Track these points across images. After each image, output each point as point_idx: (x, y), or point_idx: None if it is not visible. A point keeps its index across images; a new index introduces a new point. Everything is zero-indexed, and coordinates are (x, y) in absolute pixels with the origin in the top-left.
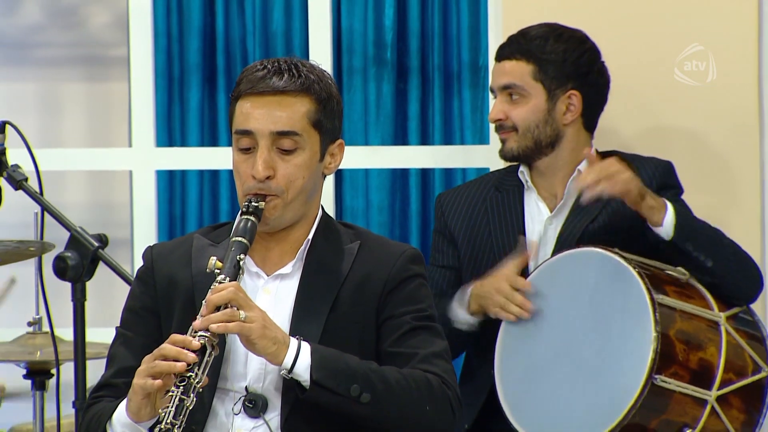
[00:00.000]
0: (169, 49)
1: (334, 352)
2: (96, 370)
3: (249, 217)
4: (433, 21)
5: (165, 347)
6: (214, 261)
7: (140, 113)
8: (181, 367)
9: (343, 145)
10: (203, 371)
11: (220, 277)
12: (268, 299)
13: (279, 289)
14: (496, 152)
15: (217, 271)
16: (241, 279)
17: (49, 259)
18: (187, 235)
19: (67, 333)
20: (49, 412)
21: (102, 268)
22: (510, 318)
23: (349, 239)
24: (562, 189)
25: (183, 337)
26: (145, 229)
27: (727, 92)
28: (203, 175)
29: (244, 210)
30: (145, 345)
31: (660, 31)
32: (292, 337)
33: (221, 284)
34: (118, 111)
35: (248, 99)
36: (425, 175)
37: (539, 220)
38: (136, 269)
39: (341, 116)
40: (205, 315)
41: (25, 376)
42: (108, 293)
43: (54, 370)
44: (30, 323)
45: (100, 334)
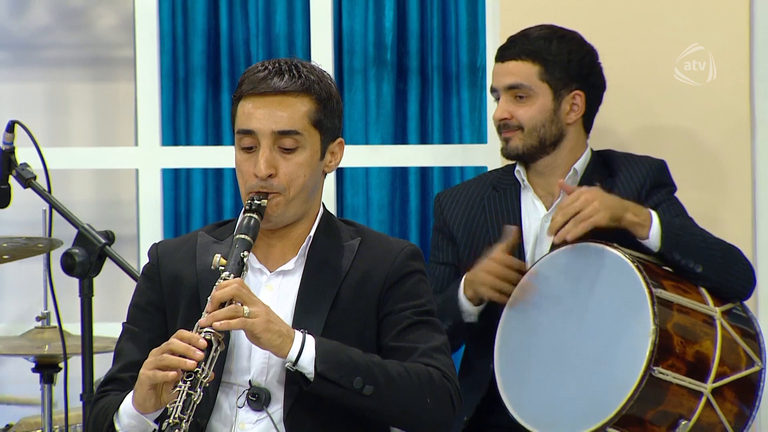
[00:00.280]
0: (174, 50)
1: (338, 345)
2: (103, 364)
3: (252, 214)
4: (432, 23)
5: (173, 342)
6: (218, 258)
7: (146, 113)
8: (191, 364)
9: (343, 144)
10: (209, 367)
11: (225, 274)
12: (271, 295)
13: (281, 285)
14: (494, 151)
15: (221, 268)
16: (245, 275)
17: (57, 256)
18: (192, 232)
19: (74, 328)
20: (57, 405)
21: (109, 265)
22: (502, 299)
23: (350, 236)
24: (558, 187)
25: (191, 334)
26: (151, 226)
27: (720, 92)
28: (207, 174)
29: (247, 208)
30: (151, 340)
31: (660, 31)
32: (297, 330)
33: (225, 281)
34: (125, 111)
35: (250, 99)
36: (424, 173)
37: (536, 217)
38: (142, 266)
39: (341, 115)
40: (210, 311)
41: (34, 370)
42: (114, 289)
43: (62, 364)
44: (38, 318)
45: (107, 328)
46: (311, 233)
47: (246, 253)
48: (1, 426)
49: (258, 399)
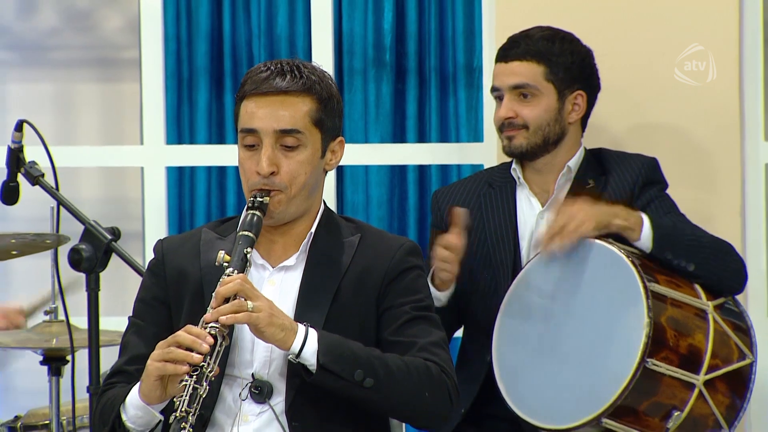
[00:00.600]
0: (179, 51)
1: (340, 338)
2: (109, 357)
3: (255, 211)
4: (430, 24)
5: (180, 335)
6: (222, 254)
7: (151, 112)
8: (198, 359)
9: (343, 143)
10: (215, 361)
11: (228, 270)
12: (273, 290)
13: (283, 281)
14: (490, 149)
15: (225, 264)
16: (248, 271)
17: (64, 251)
18: (196, 228)
19: (81, 321)
20: (65, 397)
21: (115, 260)
22: (446, 276)
23: (350, 232)
24: (554, 184)
25: (198, 329)
26: (156, 223)
27: (712, 92)
28: (211, 171)
29: (250, 205)
30: (157, 334)
31: (660, 31)
32: (300, 324)
33: (229, 277)
34: (130, 110)
35: (253, 99)
36: (422, 171)
37: (531, 214)
38: (148, 261)
39: (341, 115)
40: (215, 307)
41: (42, 363)
42: (120, 284)
43: (69, 357)
44: (46, 312)
45: (113, 322)
46: (312, 230)
47: (249, 250)
48: (10, 417)
49: (261, 392)
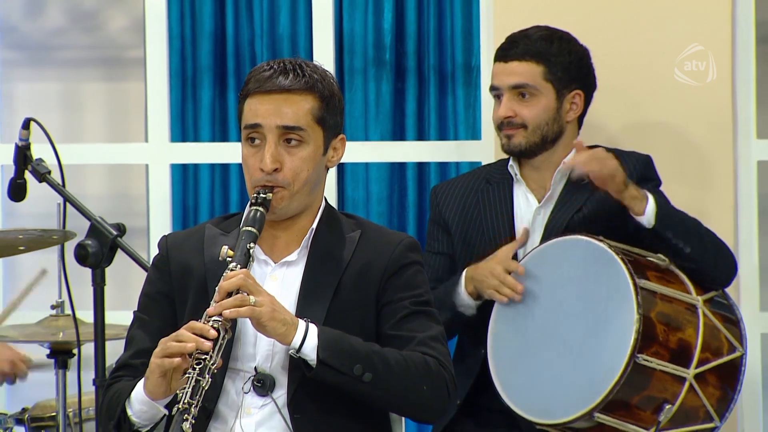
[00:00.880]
0: (183, 51)
1: (340, 333)
2: (114, 350)
3: (258, 207)
4: (429, 24)
5: (182, 333)
6: (225, 250)
7: (155, 111)
8: (190, 347)
9: (344, 140)
10: (218, 354)
11: (232, 265)
12: (275, 285)
13: (285, 276)
14: (487, 147)
15: (228, 259)
16: (251, 266)
17: (70, 247)
18: (200, 224)
19: (87, 315)
20: (71, 389)
21: (120, 255)
22: (503, 300)
23: (351, 228)
24: (551, 181)
25: (201, 324)
26: (161, 219)
27: (707, 91)
28: (214, 169)
29: (253, 201)
30: (161, 328)
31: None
32: (301, 319)
33: (232, 272)
34: (135, 109)
35: (256, 97)
36: (421, 168)
37: (528, 210)
38: (152, 257)
39: (343, 113)
40: (218, 301)
41: (49, 356)
42: (126, 279)
43: (75, 350)
44: (53, 306)
45: (118, 316)
46: (314, 225)
47: (252, 245)
48: (18, 409)
49: (263, 385)
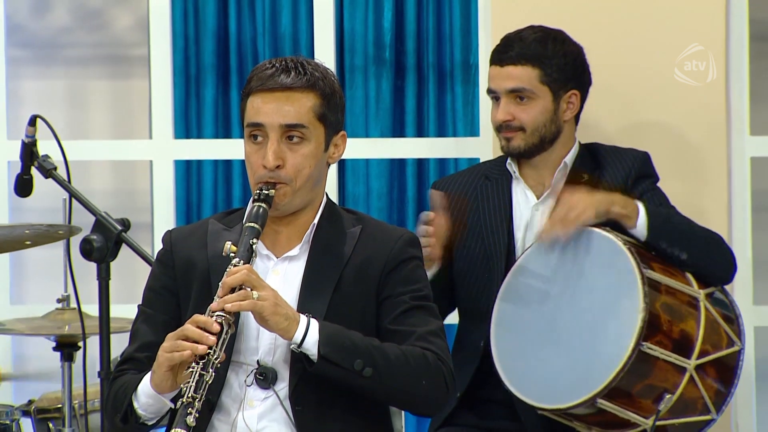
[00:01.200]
0: (186, 49)
1: (340, 329)
2: (119, 343)
3: (260, 203)
4: (428, 23)
5: (187, 328)
6: (229, 245)
7: (159, 108)
8: (202, 349)
9: (345, 137)
10: (221, 348)
11: (235, 260)
12: (278, 280)
13: (287, 270)
14: (486, 143)
15: (231, 255)
16: (254, 262)
17: (76, 242)
18: (203, 220)
19: (92, 309)
20: (76, 382)
21: (125, 250)
22: (426, 250)
23: (352, 224)
24: (550, 178)
25: (205, 318)
26: (164, 214)
27: (701, 89)
28: (217, 165)
29: (256, 197)
30: (165, 322)
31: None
32: (302, 315)
33: (236, 267)
34: (139, 106)
35: (259, 95)
36: (421, 164)
37: (526, 206)
38: (156, 251)
39: (344, 110)
40: (222, 296)
41: (55, 349)
42: (130, 273)
43: (81, 343)
44: (59, 300)
45: (123, 310)
46: (315, 221)
47: (255, 241)
48: (24, 401)
49: (265, 378)
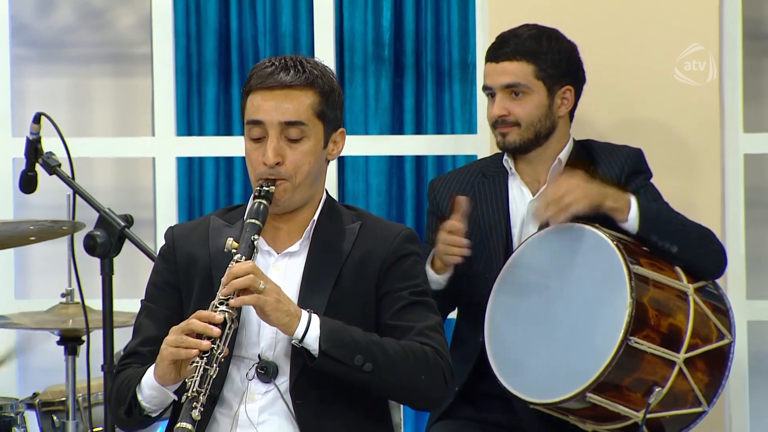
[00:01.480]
0: (188, 47)
1: (341, 324)
2: (122, 337)
3: (261, 200)
4: (427, 22)
5: (192, 322)
6: (230, 241)
7: (162, 105)
8: (206, 345)
9: (344, 134)
10: (224, 343)
11: (237, 257)
12: (278, 275)
13: (288, 266)
14: (483, 141)
15: (233, 251)
16: (255, 257)
17: (80, 237)
18: (205, 216)
19: (96, 304)
20: (80, 375)
21: (128, 246)
22: (456, 260)
23: (351, 220)
24: (545, 174)
25: (208, 312)
26: (167, 211)
27: (696, 88)
28: (219, 162)
29: (257, 194)
30: (168, 316)
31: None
32: (303, 310)
33: (238, 263)
34: (142, 104)
35: (259, 93)
36: (419, 161)
37: (522, 202)
38: (159, 247)
39: (342, 107)
40: (224, 292)
41: (59, 343)
42: (133, 268)
43: (84, 337)
44: (63, 295)
45: (126, 304)
46: (315, 217)
47: (256, 237)
48: (29, 394)
49: (266, 372)
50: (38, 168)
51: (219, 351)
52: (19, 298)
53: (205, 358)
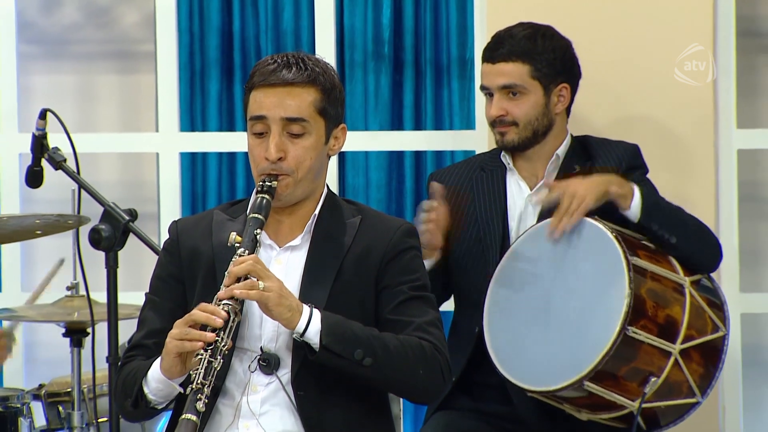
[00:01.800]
0: (192, 45)
1: (342, 319)
2: (127, 330)
3: (264, 195)
4: (425, 20)
5: (195, 314)
6: (233, 236)
7: (165, 102)
8: (211, 337)
9: (345, 129)
10: (228, 336)
11: (240, 251)
12: (280, 269)
13: (289, 259)
14: (481, 136)
15: (237, 245)
16: (258, 251)
17: (85, 231)
18: (208, 210)
19: (101, 296)
20: (85, 367)
21: (132, 239)
22: (427, 237)
23: (352, 214)
24: (543, 170)
25: (212, 306)
26: (170, 205)
27: (689, 85)
28: (222, 157)
29: (259, 189)
30: (172, 309)
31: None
32: (305, 305)
33: (241, 257)
34: (146, 100)
35: (261, 90)
36: (418, 156)
37: (520, 196)
38: (163, 241)
39: (343, 104)
40: (228, 285)
41: (64, 335)
42: (137, 261)
43: (89, 329)
44: (68, 288)
45: (131, 297)
46: (316, 211)
47: (259, 231)
48: (35, 386)
49: (268, 364)
50: (44, 163)
51: (223, 344)
52: (26, 291)
53: (210, 351)
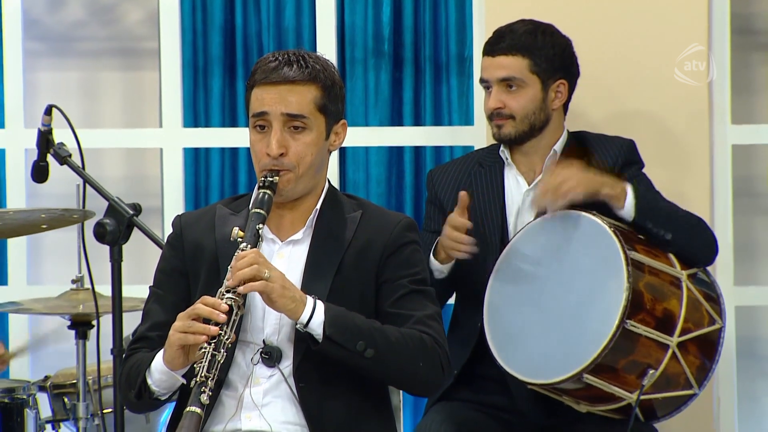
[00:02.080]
0: (195, 42)
1: (344, 310)
2: (131, 322)
3: (265, 190)
4: (425, 17)
5: (198, 307)
6: (236, 230)
7: (169, 98)
8: (215, 331)
9: (345, 125)
10: (231, 329)
11: (243, 245)
12: (282, 262)
13: (291, 253)
14: (480, 132)
15: (239, 240)
16: (260, 246)
17: (89, 225)
18: (211, 205)
19: (105, 289)
20: (90, 358)
21: (136, 233)
22: (462, 255)
23: (352, 209)
24: (540, 165)
25: (214, 300)
26: (174, 200)
27: (685, 83)
28: (224, 152)
29: (261, 184)
30: (176, 302)
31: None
32: (308, 296)
33: (244, 251)
34: (150, 96)
35: (263, 87)
36: (418, 152)
37: (518, 192)
38: (166, 235)
39: (344, 100)
40: (230, 283)
41: (70, 327)
42: (141, 255)
43: (94, 322)
44: (74, 281)
45: (135, 290)
46: (318, 206)
47: (261, 226)
48: (40, 377)
49: (270, 356)
50: (50, 158)
51: (226, 337)
52: (32, 284)
53: (213, 344)
